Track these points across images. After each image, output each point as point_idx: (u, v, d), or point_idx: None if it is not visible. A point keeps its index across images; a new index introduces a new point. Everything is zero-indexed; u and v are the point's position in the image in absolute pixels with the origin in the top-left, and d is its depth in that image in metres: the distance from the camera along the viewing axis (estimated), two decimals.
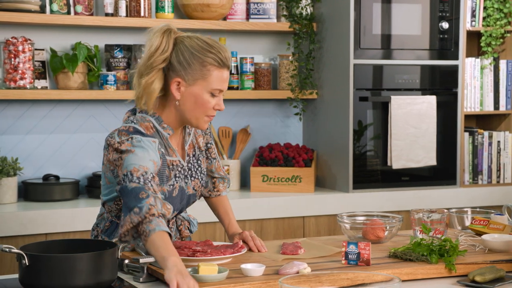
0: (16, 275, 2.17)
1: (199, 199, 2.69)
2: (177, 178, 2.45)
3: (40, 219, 3.48)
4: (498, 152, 4.47)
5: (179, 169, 2.47)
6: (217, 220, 2.75)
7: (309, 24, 4.27)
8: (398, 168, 4.15)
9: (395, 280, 1.80)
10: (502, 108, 4.51)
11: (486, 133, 4.45)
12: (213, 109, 2.39)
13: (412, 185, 4.24)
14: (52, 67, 3.87)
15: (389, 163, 4.14)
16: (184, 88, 2.37)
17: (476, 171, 4.43)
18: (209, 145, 2.64)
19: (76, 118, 4.01)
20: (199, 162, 2.56)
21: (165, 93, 2.42)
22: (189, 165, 2.52)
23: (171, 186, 2.44)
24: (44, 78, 3.92)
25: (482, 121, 4.68)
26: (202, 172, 2.57)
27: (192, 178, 2.52)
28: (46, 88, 3.91)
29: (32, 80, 3.77)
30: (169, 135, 2.43)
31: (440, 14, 4.25)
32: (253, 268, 2.16)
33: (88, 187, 3.90)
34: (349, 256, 2.31)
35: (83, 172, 4.03)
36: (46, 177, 3.84)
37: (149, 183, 2.23)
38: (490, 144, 4.46)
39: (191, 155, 2.53)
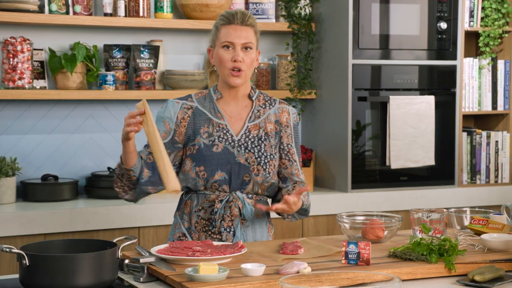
0: (16, 275, 2.17)
1: (263, 189, 2.72)
2: (220, 139, 2.68)
3: (39, 219, 3.48)
4: (496, 152, 4.48)
5: (225, 132, 2.69)
6: None
7: (307, 24, 4.27)
8: (397, 168, 4.16)
9: (395, 279, 1.80)
10: (500, 108, 4.51)
11: (484, 133, 4.46)
12: (230, 62, 2.66)
13: (411, 185, 4.25)
14: (50, 67, 3.87)
15: (387, 163, 4.14)
16: (213, 53, 2.74)
17: (474, 171, 4.44)
18: (289, 146, 2.77)
19: (75, 118, 4.01)
20: (259, 142, 2.71)
21: None
22: (246, 139, 2.70)
23: (211, 142, 2.68)
24: (43, 78, 3.91)
25: (480, 121, 4.69)
26: (262, 152, 2.69)
27: (247, 151, 2.68)
28: (44, 88, 3.91)
29: (31, 80, 3.77)
30: (216, 98, 2.74)
31: (438, 14, 4.25)
32: (253, 268, 2.16)
33: (87, 187, 3.89)
34: (349, 256, 2.31)
35: (82, 172, 4.02)
36: (44, 177, 3.83)
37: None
38: (488, 144, 4.47)
39: (252, 132, 2.72)
